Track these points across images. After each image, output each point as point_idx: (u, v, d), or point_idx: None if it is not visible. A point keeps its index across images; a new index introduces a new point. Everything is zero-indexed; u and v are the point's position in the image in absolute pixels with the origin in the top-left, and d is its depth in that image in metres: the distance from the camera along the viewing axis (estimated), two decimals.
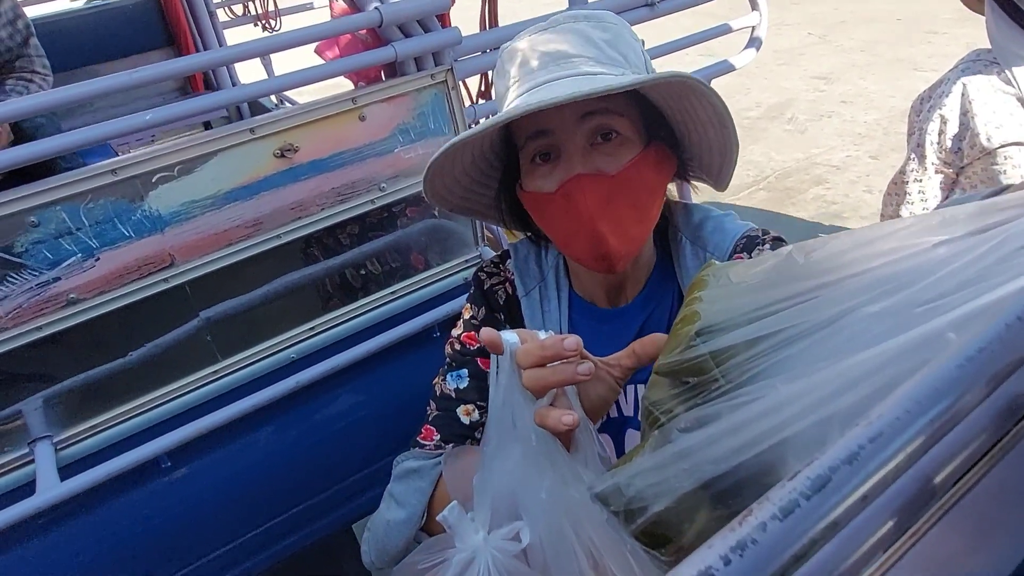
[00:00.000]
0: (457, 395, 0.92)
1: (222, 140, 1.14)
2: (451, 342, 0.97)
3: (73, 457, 1.22)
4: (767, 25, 1.75)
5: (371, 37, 1.27)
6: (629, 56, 0.77)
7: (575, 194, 0.75)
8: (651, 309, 0.89)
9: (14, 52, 2.26)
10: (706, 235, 0.87)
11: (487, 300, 0.95)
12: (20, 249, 1.05)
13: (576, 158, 0.76)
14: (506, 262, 0.97)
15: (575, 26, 0.76)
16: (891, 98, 5.77)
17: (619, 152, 0.76)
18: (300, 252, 1.35)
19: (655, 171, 0.79)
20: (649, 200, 0.80)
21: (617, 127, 0.76)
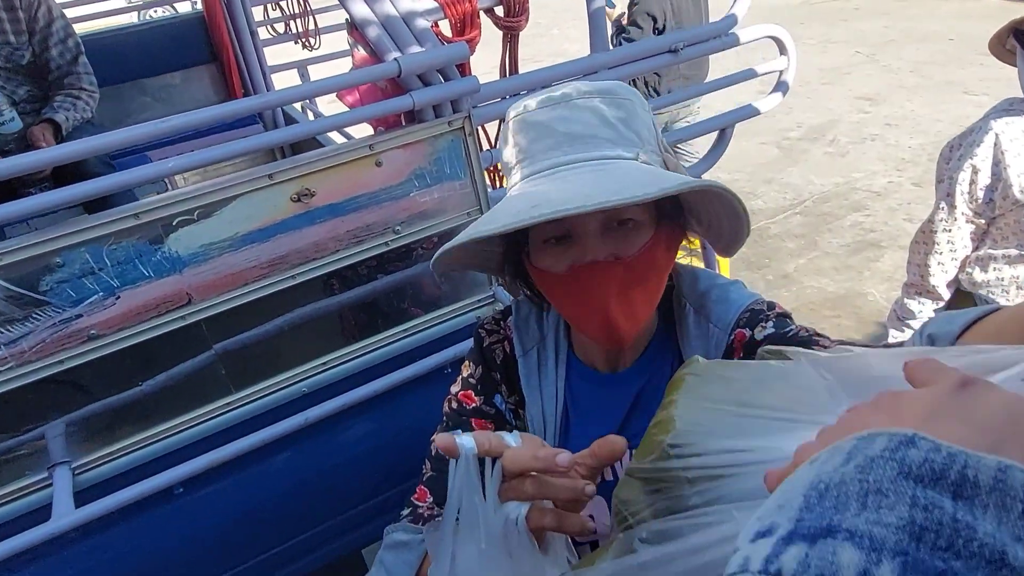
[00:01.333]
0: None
1: (241, 185, 1.18)
2: (449, 399, 0.98)
3: (90, 482, 1.27)
4: (795, 70, 1.73)
5: (390, 84, 1.29)
6: (643, 133, 0.77)
7: (587, 280, 0.76)
8: (649, 375, 0.89)
9: (64, 70, 2.36)
10: (710, 305, 0.86)
11: (485, 359, 0.96)
12: (45, 287, 1.10)
13: (590, 243, 0.75)
14: (507, 319, 0.97)
15: (589, 103, 0.75)
16: (938, 122, 5.62)
17: (632, 237, 0.76)
18: (314, 288, 1.38)
19: (665, 251, 0.80)
20: (659, 279, 0.81)
21: (633, 215, 0.76)
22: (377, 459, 1.58)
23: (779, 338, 0.78)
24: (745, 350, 0.81)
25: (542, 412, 0.91)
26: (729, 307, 0.85)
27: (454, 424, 0.95)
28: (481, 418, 0.94)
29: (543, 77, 1.41)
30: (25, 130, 2.18)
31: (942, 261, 1.76)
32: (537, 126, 0.76)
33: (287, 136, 1.29)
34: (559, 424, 0.91)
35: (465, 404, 0.95)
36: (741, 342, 0.82)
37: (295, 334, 1.39)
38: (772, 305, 0.85)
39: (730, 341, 0.83)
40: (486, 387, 0.95)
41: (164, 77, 2.98)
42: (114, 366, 1.23)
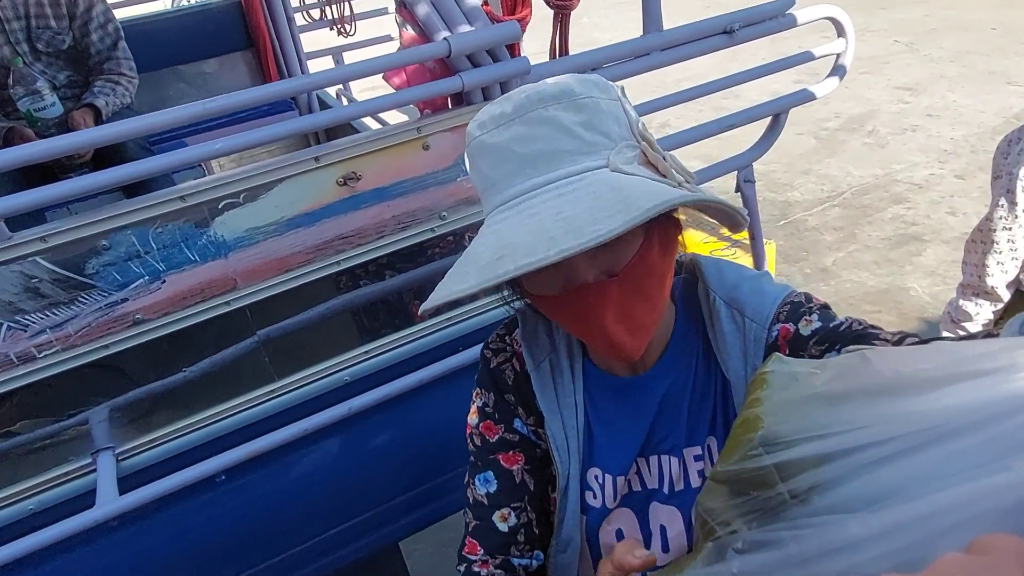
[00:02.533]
0: (489, 501, 0.88)
1: (287, 168, 1.15)
2: (471, 434, 0.92)
3: (133, 468, 1.26)
4: (853, 53, 1.66)
5: (438, 65, 1.26)
6: (611, 131, 0.70)
7: (582, 303, 0.71)
8: (673, 375, 0.84)
9: (104, 55, 2.36)
10: (744, 298, 0.81)
11: (495, 382, 0.90)
12: (91, 270, 1.08)
13: (578, 266, 0.70)
14: (514, 332, 0.91)
15: (544, 113, 0.68)
16: (981, 114, 5.45)
17: (621, 250, 0.70)
18: (357, 276, 1.36)
19: (660, 254, 0.74)
20: (659, 285, 0.75)
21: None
22: (417, 450, 1.56)
23: (829, 332, 0.73)
24: (791, 346, 0.76)
25: (562, 427, 0.86)
26: (764, 299, 0.80)
27: (483, 465, 0.89)
28: (507, 450, 0.89)
29: (594, 59, 1.37)
30: (66, 115, 2.18)
31: (1002, 261, 1.68)
32: (495, 149, 0.69)
33: (330, 119, 1.26)
34: (582, 438, 0.86)
35: (488, 438, 0.90)
36: (786, 338, 0.77)
37: (337, 322, 1.36)
38: (809, 297, 0.80)
39: (772, 337, 0.78)
40: (503, 414, 0.89)
41: (200, 64, 2.97)
42: (157, 352, 1.21)
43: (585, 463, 0.87)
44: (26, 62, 2.18)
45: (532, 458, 0.90)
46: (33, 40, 2.25)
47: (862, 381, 0.53)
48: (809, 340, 0.74)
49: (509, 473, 0.88)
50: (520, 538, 0.88)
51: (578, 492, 0.86)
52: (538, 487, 0.90)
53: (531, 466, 0.90)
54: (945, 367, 0.50)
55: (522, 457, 0.89)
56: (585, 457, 0.87)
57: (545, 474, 0.91)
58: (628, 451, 0.84)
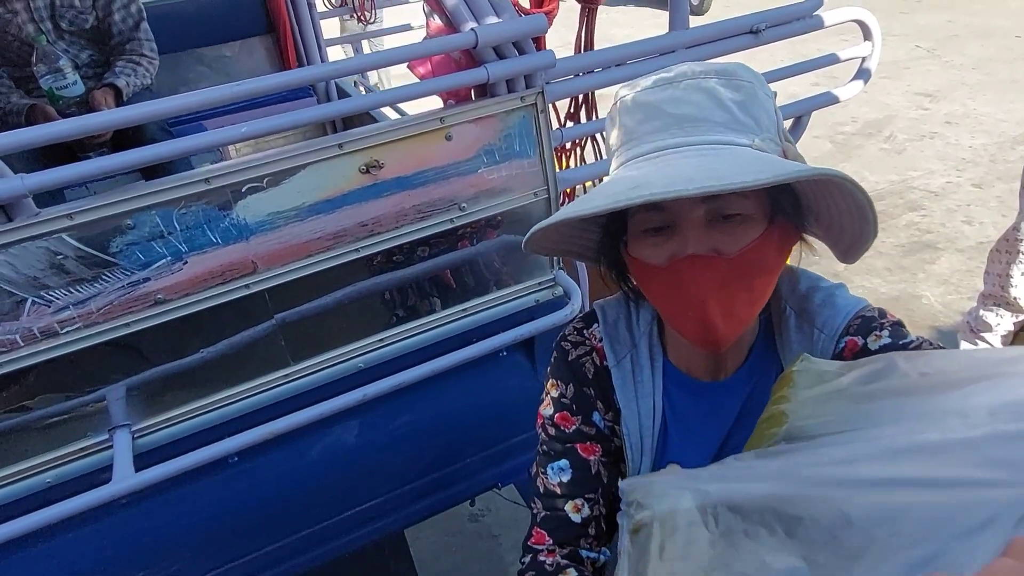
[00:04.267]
0: (563, 490, 0.86)
1: (311, 154, 1.16)
2: (543, 424, 0.91)
3: (149, 446, 1.27)
4: (879, 55, 1.65)
5: (463, 56, 1.26)
6: (761, 119, 0.70)
7: (686, 275, 0.70)
8: (756, 380, 0.82)
9: (125, 35, 2.37)
10: (814, 308, 0.80)
11: (575, 374, 0.90)
12: (115, 249, 1.09)
13: (691, 236, 0.70)
14: (592, 327, 0.91)
15: (704, 83, 0.69)
16: (1002, 122, 5.40)
17: (739, 233, 0.70)
18: (375, 263, 1.36)
19: (776, 251, 0.73)
20: (766, 282, 0.74)
21: (740, 209, 0.70)
22: (427, 439, 1.57)
23: (897, 350, 0.72)
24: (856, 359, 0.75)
25: (639, 424, 0.85)
26: (837, 312, 0.79)
27: (557, 454, 0.88)
28: (584, 440, 0.88)
29: (620, 55, 1.36)
30: (87, 94, 2.20)
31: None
32: (646, 107, 0.71)
33: (356, 106, 1.26)
34: (657, 438, 0.86)
35: (564, 428, 0.89)
36: (852, 351, 0.76)
37: (354, 309, 1.37)
38: (883, 312, 0.79)
39: (839, 349, 0.77)
40: (582, 405, 0.89)
41: (220, 47, 2.98)
42: (176, 332, 1.22)
43: (657, 462, 0.86)
44: (49, 40, 2.19)
45: (608, 451, 0.88)
46: (57, 18, 2.26)
47: (888, 383, 0.54)
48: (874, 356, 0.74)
49: (586, 463, 0.87)
50: (591, 531, 0.87)
51: None
52: (611, 481, 0.89)
53: (607, 459, 0.88)
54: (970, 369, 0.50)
55: (599, 448, 0.88)
56: (658, 456, 0.86)
57: (618, 469, 0.90)
58: (703, 454, 0.83)
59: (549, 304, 1.52)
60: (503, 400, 1.57)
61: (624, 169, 0.71)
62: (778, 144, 0.72)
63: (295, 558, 1.49)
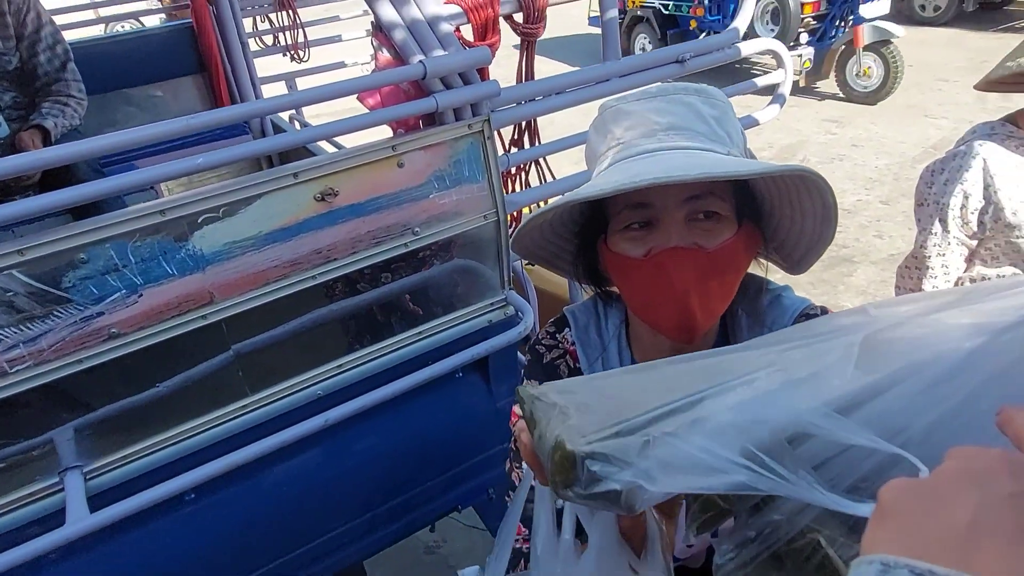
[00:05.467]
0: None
1: (266, 184, 1.18)
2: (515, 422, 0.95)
3: (103, 487, 1.24)
4: (791, 82, 1.79)
5: (412, 87, 1.30)
6: (733, 135, 0.78)
7: (669, 266, 0.75)
8: None
9: (52, 76, 2.31)
10: (763, 309, 0.86)
11: (549, 376, 0.93)
12: (68, 284, 1.08)
13: (673, 231, 0.75)
14: (564, 331, 0.95)
15: (686, 99, 0.76)
16: (902, 144, 5.83)
17: (717, 230, 0.76)
18: (331, 290, 1.38)
19: (745, 251, 0.79)
20: (735, 279, 0.80)
21: (719, 209, 0.76)
22: (386, 466, 1.57)
23: None
24: None
25: None
26: (784, 311, 0.85)
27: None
28: None
29: (560, 83, 1.44)
30: (12, 136, 2.13)
31: (937, 284, 1.76)
32: (634, 115, 0.78)
33: (307, 137, 1.29)
34: None
35: None
36: None
37: (311, 336, 1.38)
38: (825, 310, 0.85)
39: None
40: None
41: (150, 87, 2.94)
42: (130, 367, 1.20)
43: None
44: None
45: None
46: None
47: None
48: None
49: None
50: None
51: None
52: None
53: None
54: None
55: None
56: None
57: None
58: None
59: (501, 324, 1.56)
60: (460, 421, 1.60)
61: (614, 168, 0.76)
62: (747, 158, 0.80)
63: None
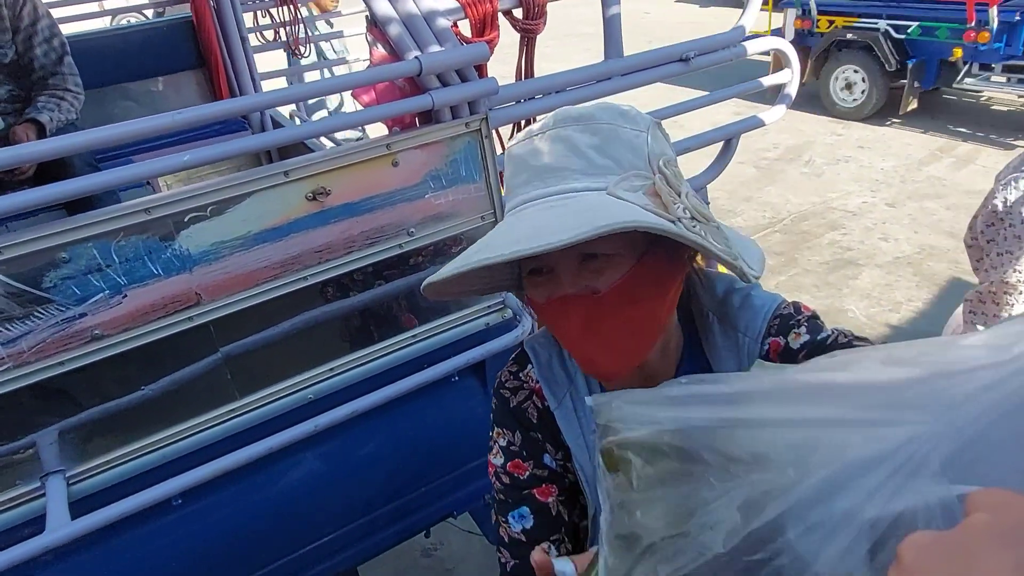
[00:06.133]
0: (527, 537, 0.86)
1: (256, 182, 1.14)
2: (495, 473, 0.91)
3: (85, 492, 1.21)
4: (798, 82, 1.75)
5: (408, 84, 1.27)
6: (623, 158, 0.72)
7: (560, 313, 0.74)
8: None
9: (48, 70, 2.28)
10: (734, 312, 0.83)
11: (519, 421, 0.90)
12: (49, 284, 1.04)
13: (564, 278, 0.73)
14: (526, 368, 0.91)
15: (563, 132, 0.73)
16: (909, 145, 5.78)
17: (605, 270, 0.72)
18: (322, 292, 1.34)
19: (651, 283, 0.75)
20: (644, 314, 0.75)
21: (603, 250, 0.72)
22: (381, 471, 1.54)
23: (816, 345, 0.76)
24: (782, 359, 0.78)
25: (590, 458, 0.86)
26: (755, 313, 0.82)
27: (514, 500, 0.88)
28: (539, 484, 0.88)
29: (559, 81, 1.40)
30: (7, 131, 2.11)
31: None
32: (516, 160, 0.76)
33: (301, 134, 1.26)
34: None
35: (518, 475, 0.88)
36: (777, 351, 0.79)
37: (302, 339, 1.34)
38: (799, 307, 0.82)
39: (764, 351, 0.80)
40: (532, 450, 0.89)
41: (149, 82, 2.91)
42: (115, 369, 1.17)
43: None
44: None
45: (563, 489, 0.89)
46: None
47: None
48: (799, 353, 0.77)
49: (545, 507, 0.87)
50: None
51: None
52: (572, 517, 0.89)
53: (564, 497, 0.88)
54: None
55: (555, 488, 0.88)
56: None
57: (576, 502, 0.90)
58: None
59: (499, 327, 1.53)
60: (457, 425, 1.56)
61: (500, 224, 0.75)
62: (648, 176, 0.72)
63: None
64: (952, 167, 5.36)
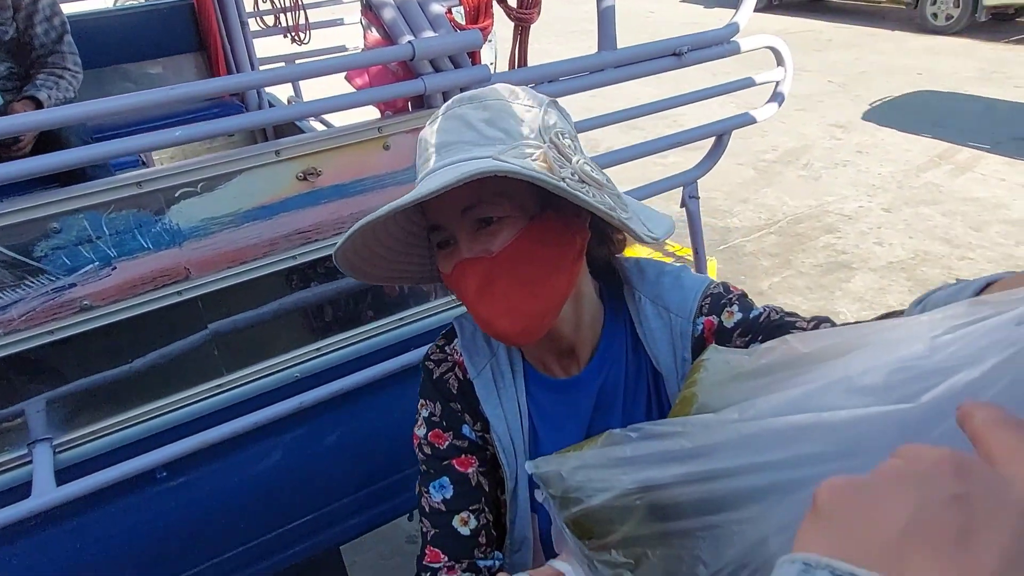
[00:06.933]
0: (447, 506, 0.89)
1: (247, 160, 1.16)
2: (418, 444, 0.94)
3: (71, 460, 1.22)
4: (791, 80, 1.76)
5: (401, 68, 1.28)
6: (512, 129, 0.77)
7: (460, 279, 0.78)
8: (606, 372, 0.89)
9: (48, 48, 2.29)
10: (666, 293, 0.87)
11: (440, 392, 0.93)
12: (40, 254, 1.06)
13: (463, 244, 0.78)
14: (453, 342, 0.94)
15: (457, 111, 0.78)
16: (907, 152, 5.79)
17: (499, 233, 0.77)
18: (312, 272, 1.36)
19: (543, 245, 0.78)
20: (539, 274, 0.78)
21: (495, 212, 0.76)
22: (363, 451, 1.55)
23: (751, 323, 0.79)
24: (717, 338, 0.81)
25: (507, 429, 0.89)
26: (686, 294, 0.86)
27: (436, 470, 0.91)
28: (459, 455, 0.91)
29: (552, 71, 1.42)
30: (6, 107, 2.12)
31: None
32: (420, 142, 0.82)
33: (289, 114, 1.27)
34: (527, 438, 0.90)
35: (438, 445, 0.91)
36: (711, 330, 0.82)
37: (291, 317, 1.36)
38: (728, 287, 0.86)
39: (700, 331, 0.83)
40: (451, 421, 0.92)
41: (148, 64, 2.92)
42: (103, 341, 1.19)
43: None
44: None
45: (483, 461, 0.92)
46: None
47: (779, 357, 0.58)
48: (733, 332, 0.80)
49: (464, 477, 0.90)
50: (482, 540, 0.89)
51: (527, 492, 0.90)
52: (492, 489, 0.92)
53: (484, 468, 0.91)
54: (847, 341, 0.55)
55: (475, 460, 0.91)
56: (531, 456, 0.90)
57: (496, 476, 0.93)
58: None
59: None
60: None
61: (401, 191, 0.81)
62: (539, 147, 0.76)
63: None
64: (950, 174, 5.38)
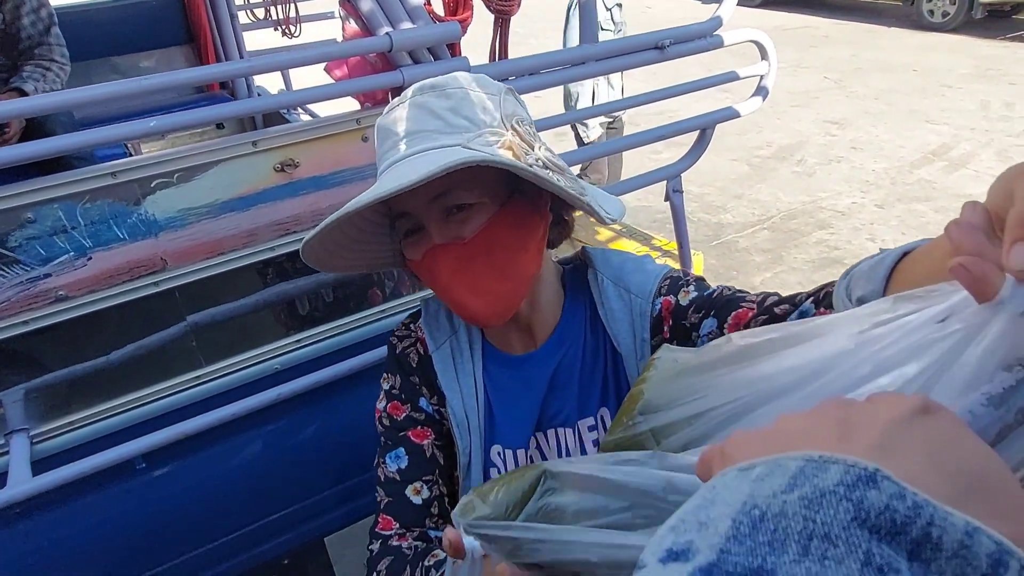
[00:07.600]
0: (401, 476, 0.91)
1: (223, 151, 1.16)
2: (379, 417, 0.96)
3: (49, 451, 1.22)
4: (775, 75, 1.76)
5: (380, 59, 1.28)
6: (476, 117, 0.79)
7: (431, 264, 0.80)
8: (564, 351, 0.91)
9: (35, 40, 2.29)
10: (627, 275, 0.90)
11: (400, 365, 0.96)
12: (13, 244, 1.06)
13: (434, 230, 0.80)
14: (417, 321, 0.97)
15: (419, 99, 0.80)
16: (901, 148, 5.80)
17: (471, 219, 0.79)
18: (291, 263, 1.36)
19: (513, 229, 0.82)
20: (510, 257, 0.82)
21: (465, 199, 0.79)
22: (344, 443, 1.55)
23: (704, 299, 0.82)
24: (673, 315, 0.85)
25: (463, 404, 0.92)
26: (647, 277, 0.89)
27: (393, 441, 0.93)
28: (415, 426, 0.93)
29: (533, 64, 1.42)
30: None
31: None
32: (382, 130, 0.82)
33: (269, 104, 1.27)
34: (482, 413, 0.92)
35: (395, 417, 0.94)
36: (668, 309, 0.85)
37: (270, 309, 1.36)
38: (686, 272, 0.90)
39: (657, 310, 0.87)
40: (409, 394, 0.95)
41: (136, 56, 2.92)
42: (80, 331, 1.19)
43: (487, 440, 0.92)
44: None
45: (439, 434, 0.94)
46: None
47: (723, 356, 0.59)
48: (688, 309, 0.83)
49: (419, 448, 0.92)
50: (434, 510, 0.91)
51: (480, 468, 0.92)
52: (447, 462, 0.94)
53: (440, 442, 0.94)
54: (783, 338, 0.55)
55: (431, 432, 0.93)
56: (487, 434, 0.92)
57: (452, 451, 0.95)
58: (525, 425, 0.91)
59: None
60: None
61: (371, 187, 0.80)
62: (502, 134, 0.79)
63: (211, 568, 1.44)
64: (944, 170, 5.38)
